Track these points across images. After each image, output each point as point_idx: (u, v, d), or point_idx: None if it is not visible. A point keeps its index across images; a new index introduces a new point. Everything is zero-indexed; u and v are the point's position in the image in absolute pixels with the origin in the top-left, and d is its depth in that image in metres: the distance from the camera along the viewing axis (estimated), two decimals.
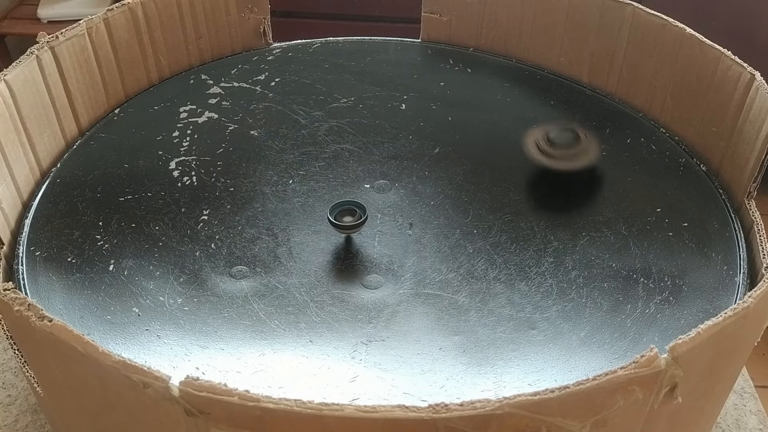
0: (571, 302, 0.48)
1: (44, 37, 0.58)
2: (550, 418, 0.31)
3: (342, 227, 0.51)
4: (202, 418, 0.31)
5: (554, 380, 0.43)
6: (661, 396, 0.33)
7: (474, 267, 0.50)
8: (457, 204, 0.56)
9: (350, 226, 0.51)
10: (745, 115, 0.55)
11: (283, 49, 0.75)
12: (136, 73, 0.68)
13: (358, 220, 0.51)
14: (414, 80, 0.70)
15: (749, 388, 0.57)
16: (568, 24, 0.69)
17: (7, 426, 0.53)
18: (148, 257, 0.51)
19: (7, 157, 0.53)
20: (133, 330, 0.45)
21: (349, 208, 0.52)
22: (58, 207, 0.55)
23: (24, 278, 0.48)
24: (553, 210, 0.55)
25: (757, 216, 0.52)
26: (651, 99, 0.65)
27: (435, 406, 0.30)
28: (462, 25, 0.74)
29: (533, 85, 0.70)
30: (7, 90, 0.54)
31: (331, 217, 0.51)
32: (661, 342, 0.45)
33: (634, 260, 0.51)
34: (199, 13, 0.71)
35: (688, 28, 0.61)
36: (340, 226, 0.51)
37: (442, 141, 0.63)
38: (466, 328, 0.46)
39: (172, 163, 0.59)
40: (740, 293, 0.48)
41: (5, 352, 0.58)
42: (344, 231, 0.52)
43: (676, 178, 0.58)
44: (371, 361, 0.44)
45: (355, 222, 0.51)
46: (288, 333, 0.45)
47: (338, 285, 0.49)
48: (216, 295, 0.48)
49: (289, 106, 0.66)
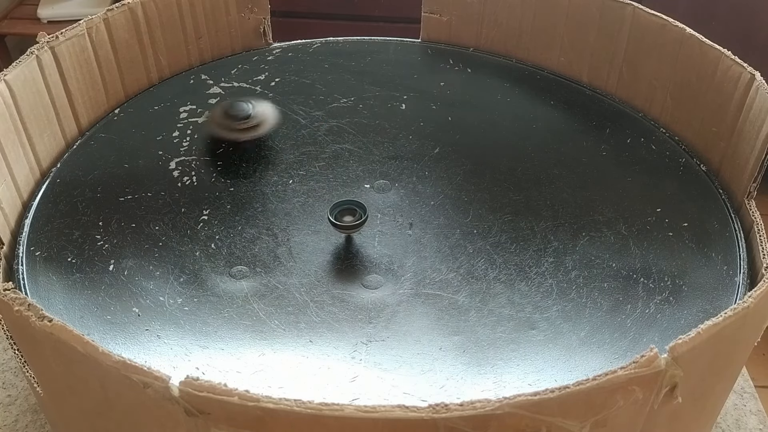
0: (571, 302, 0.48)
1: (44, 37, 0.58)
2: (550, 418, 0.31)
3: (342, 227, 0.51)
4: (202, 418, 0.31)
5: (554, 380, 0.43)
6: (661, 396, 0.33)
7: (474, 267, 0.50)
8: (457, 204, 0.56)
9: (350, 225, 0.51)
10: (745, 115, 0.55)
11: (283, 49, 0.75)
12: (136, 73, 0.68)
13: (358, 220, 0.51)
14: (414, 80, 0.70)
15: (749, 388, 0.57)
16: (568, 24, 0.69)
17: (7, 426, 0.53)
18: (148, 257, 0.51)
19: (7, 157, 0.53)
20: (133, 330, 0.45)
21: (350, 207, 0.52)
22: (58, 207, 0.55)
23: (24, 278, 0.48)
24: (553, 210, 0.55)
25: (757, 216, 0.52)
26: (651, 99, 0.65)
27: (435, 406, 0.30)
28: (462, 25, 0.74)
29: (533, 85, 0.70)
30: (7, 90, 0.54)
31: (331, 217, 0.51)
32: (661, 342, 0.45)
33: (634, 260, 0.51)
34: (199, 13, 0.71)
35: (688, 28, 0.61)
36: (340, 226, 0.51)
37: (442, 141, 0.63)
38: (466, 328, 0.46)
39: (172, 163, 0.59)
40: (740, 293, 0.48)
41: (5, 352, 0.58)
42: (344, 231, 0.52)
43: (676, 178, 0.58)
44: (371, 361, 0.44)
45: (356, 222, 0.51)
46: (288, 333, 0.45)
47: (338, 285, 0.49)
48: (216, 295, 0.48)
49: (289, 106, 0.66)
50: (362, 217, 0.51)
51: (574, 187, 0.57)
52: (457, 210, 0.55)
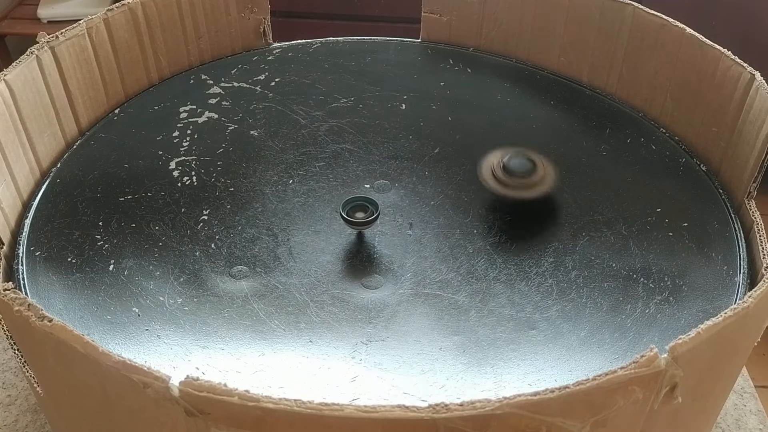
0: (571, 302, 0.48)
1: (44, 37, 0.58)
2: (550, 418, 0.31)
3: (355, 223, 0.51)
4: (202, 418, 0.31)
5: (554, 380, 0.43)
6: (661, 396, 0.33)
7: (474, 267, 0.50)
8: (457, 204, 0.56)
9: (363, 222, 0.51)
10: (745, 115, 0.55)
11: (283, 49, 0.75)
12: (136, 73, 0.68)
13: (369, 216, 0.51)
14: (414, 80, 0.70)
15: (749, 388, 0.57)
16: (568, 24, 0.69)
17: (7, 426, 0.53)
18: (148, 257, 0.51)
19: (7, 157, 0.53)
20: (133, 330, 0.45)
21: (361, 204, 0.52)
22: (58, 207, 0.55)
23: (24, 278, 0.48)
24: (553, 210, 0.55)
25: (757, 216, 0.52)
26: (651, 99, 0.65)
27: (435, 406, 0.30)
28: (462, 25, 0.74)
29: (533, 85, 0.70)
30: (7, 90, 0.54)
31: (343, 213, 0.51)
32: (661, 342, 0.45)
33: (634, 260, 0.51)
34: (199, 13, 0.71)
35: (688, 28, 0.61)
36: (352, 222, 0.51)
37: (442, 141, 0.63)
38: (466, 328, 0.46)
39: (172, 163, 0.59)
40: (740, 293, 0.48)
41: (5, 352, 0.58)
42: (357, 227, 0.52)
43: (676, 178, 0.58)
44: (371, 361, 0.44)
45: (368, 218, 0.51)
46: (288, 333, 0.45)
47: (338, 285, 0.49)
48: (216, 295, 0.48)
49: (289, 106, 0.66)
50: (374, 214, 0.51)
51: (574, 187, 0.57)
52: (457, 210, 0.55)
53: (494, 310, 0.47)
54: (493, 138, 0.63)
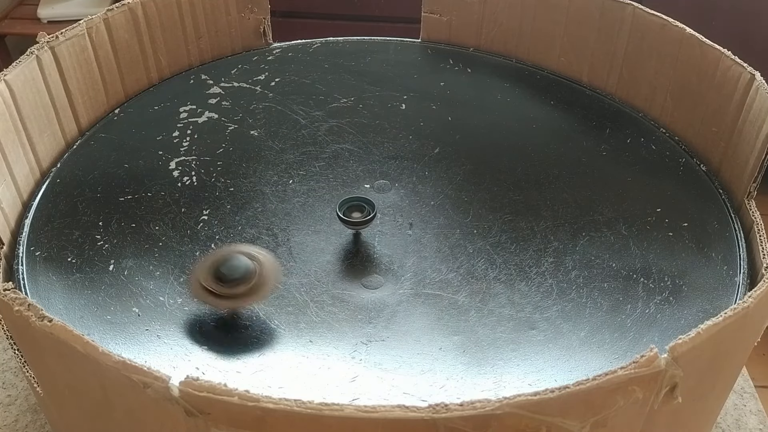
0: (571, 302, 0.48)
1: (44, 37, 0.58)
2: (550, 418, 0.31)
3: (351, 223, 0.51)
4: (202, 418, 0.31)
5: (554, 380, 0.43)
6: (661, 396, 0.33)
7: (474, 267, 0.50)
8: (457, 204, 0.56)
9: (359, 222, 0.51)
10: (745, 115, 0.55)
11: (283, 49, 0.75)
12: (136, 73, 0.68)
13: (366, 217, 0.51)
14: (414, 80, 0.70)
15: (749, 388, 0.57)
16: (568, 24, 0.69)
17: (7, 426, 0.53)
18: (148, 257, 0.51)
19: (7, 157, 0.53)
20: (133, 330, 0.45)
21: (358, 204, 0.52)
22: (58, 207, 0.55)
23: (24, 278, 0.48)
24: (553, 210, 0.55)
25: (757, 216, 0.52)
26: (651, 99, 0.65)
27: (435, 406, 0.30)
28: (462, 25, 0.74)
29: (533, 85, 0.70)
30: (7, 90, 0.54)
31: (340, 213, 0.51)
32: (661, 342, 0.45)
33: (634, 260, 0.51)
34: (199, 13, 0.71)
35: (688, 28, 0.61)
36: (349, 222, 0.51)
37: (442, 141, 0.62)
38: (466, 328, 0.46)
39: (172, 163, 0.59)
40: (740, 293, 0.48)
41: (5, 352, 0.58)
42: (353, 227, 0.52)
43: (676, 178, 0.58)
44: (371, 361, 0.44)
45: (364, 218, 0.51)
46: (288, 333, 0.45)
47: (338, 285, 0.49)
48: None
49: (289, 106, 0.66)
50: (371, 214, 0.51)
51: (574, 187, 0.57)
52: (457, 210, 0.55)
53: (494, 310, 0.47)
54: (493, 138, 0.63)
